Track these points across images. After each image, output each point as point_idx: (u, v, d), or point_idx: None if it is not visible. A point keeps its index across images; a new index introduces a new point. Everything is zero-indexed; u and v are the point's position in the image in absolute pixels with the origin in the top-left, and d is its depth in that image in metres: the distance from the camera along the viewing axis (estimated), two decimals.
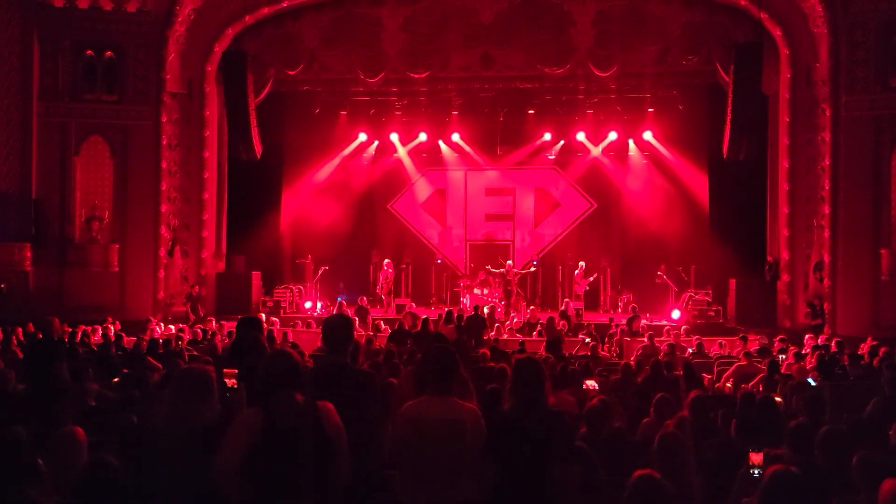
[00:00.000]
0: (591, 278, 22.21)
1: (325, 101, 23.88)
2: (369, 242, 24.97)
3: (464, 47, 20.80)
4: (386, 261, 22.41)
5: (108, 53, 20.02)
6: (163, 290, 20.38)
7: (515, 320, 19.74)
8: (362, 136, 25.06)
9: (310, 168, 24.78)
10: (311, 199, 24.49)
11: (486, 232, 25.43)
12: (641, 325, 17.99)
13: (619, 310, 22.12)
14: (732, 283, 20.81)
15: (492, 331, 17.29)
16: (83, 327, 15.36)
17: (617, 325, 18.79)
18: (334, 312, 16.96)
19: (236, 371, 5.76)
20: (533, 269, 23.09)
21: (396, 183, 25.66)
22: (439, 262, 24.41)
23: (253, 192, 23.25)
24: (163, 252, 20.44)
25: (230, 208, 22.48)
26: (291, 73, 21.48)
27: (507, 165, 25.17)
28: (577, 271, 22.87)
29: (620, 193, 24.78)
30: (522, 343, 14.93)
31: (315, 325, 17.65)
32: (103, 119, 20.10)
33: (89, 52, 19.98)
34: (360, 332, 16.26)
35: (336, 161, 24.99)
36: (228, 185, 22.35)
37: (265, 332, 8.44)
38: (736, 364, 12.78)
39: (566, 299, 21.66)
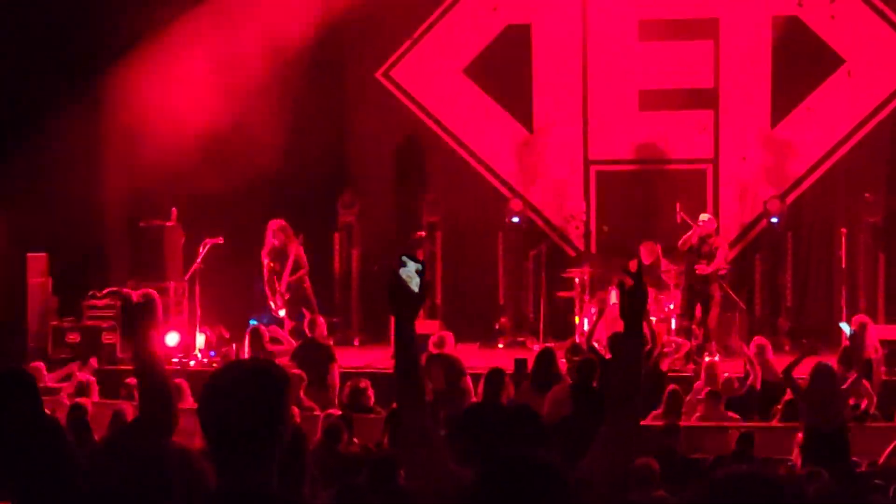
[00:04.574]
0: None
1: None
2: (331, 170, 21.42)
3: None
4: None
5: None
6: None
7: (726, 375, 15.47)
8: None
9: None
10: (175, 68, 19.84)
11: (643, 139, 21.02)
12: None
13: None
14: None
15: (661, 405, 14.15)
16: None
17: None
18: (236, 357, 16.82)
19: None
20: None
21: (398, 18, 21.34)
22: (516, 221, 20.23)
23: (29, 57, 19.96)
24: None
25: None
26: None
27: None
28: None
29: None
30: (746, 438, 12.19)
31: (193, 396, 14.43)
32: None
33: None
34: (309, 408, 14.42)
35: None
36: None
37: (41, 405, 6.07)
38: None
39: (860, 318, 16.57)
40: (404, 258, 4.70)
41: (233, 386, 4.22)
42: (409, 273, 4.59)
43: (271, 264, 18.74)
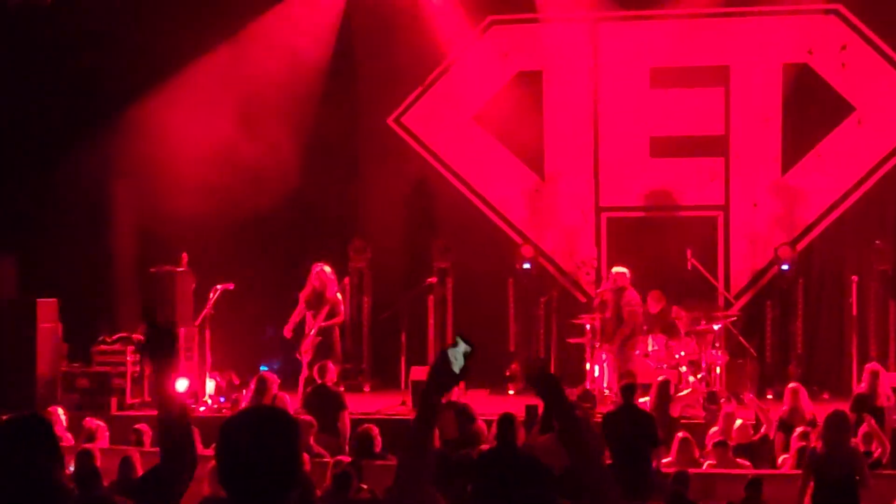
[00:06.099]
0: None
1: None
2: (342, 215, 21.75)
3: None
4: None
5: None
6: None
7: (740, 422, 15.50)
8: None
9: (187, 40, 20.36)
10: (188, 110, 19.92)
11: (654, 186, 21.21)
12: None
13: None
14: None
15: (668, 455, 14.42)
16: None
17: None
18: (248, 403, 16.09)
19: None
20: None
21: (409, 65, 21.49)
22: (527, 267, 20.39)
23: (41, 97, 20.56)
24: None
25: None
26: None
27: (706, 6, 20.69)
28: None
29: None
30: (755, 484, 12.17)
31: (203, 443, 13.19)
32: None
33: None
34: (319, 454, 14.41)
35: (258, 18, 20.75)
36: None
37: (59, 457, 5.89)
38: None
39: (872, 366, 16.48)
40: (458, 338, 4.80)
41: (248, 430, 4.28)
42: (457, 354, 4.70)
43: (306, 307, 18.52)
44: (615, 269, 18.74)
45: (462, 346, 4.70)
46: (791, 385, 15.84)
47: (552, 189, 20.91)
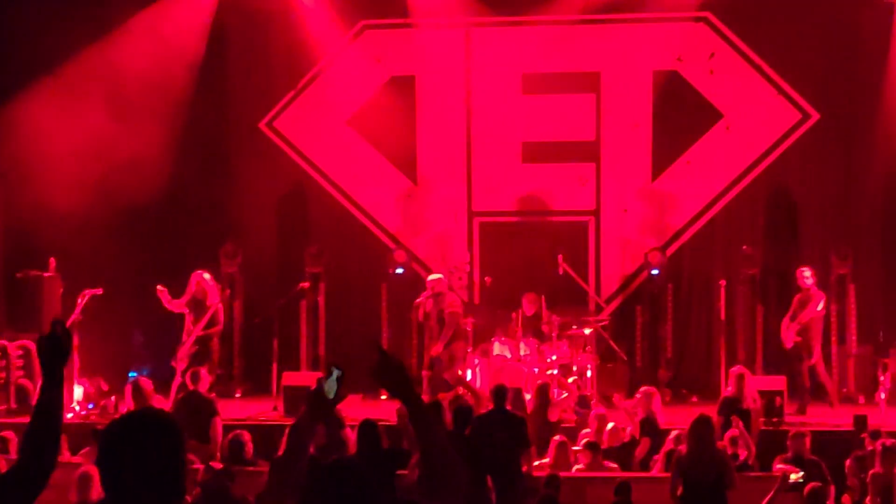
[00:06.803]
0: None
1: None
2: (213, 220, 21.07)
3: None
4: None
5: None
6: None
7: (611, 425, 15.66)
8: None
9: (47, 39, 19.78)
10: (55, 112, 19.36)
11: (526, 191, 21.16)
12: None
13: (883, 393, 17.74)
14: None
15: (546, 457, 14.52)
16: None
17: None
18: (115, 409, 16.91)
19: None
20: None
21: (282, 68, 21.37)
22: (400, 272, 20.32)
23: None
24: None
25: None
26: None
27: (579, 12, 20.44)
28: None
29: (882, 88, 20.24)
30: (624, 487, 12.33)
31: (70, 450, 14.80)
32: None
33: None
34: (189, 461, 12.92)
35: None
36: None
37: None
38: None
39: (739, 369, 16.59)
40: (332, 368, 4.84)
41: (132, 436, 4.20)
42: (331, 384, 4.74)
43: (188, 315, 18.15)
44: (431, 277, 18.86)
45: (335, 373, 4.77)
46: (644, 389, 15.92)
47: (425, 194, 20.69)
